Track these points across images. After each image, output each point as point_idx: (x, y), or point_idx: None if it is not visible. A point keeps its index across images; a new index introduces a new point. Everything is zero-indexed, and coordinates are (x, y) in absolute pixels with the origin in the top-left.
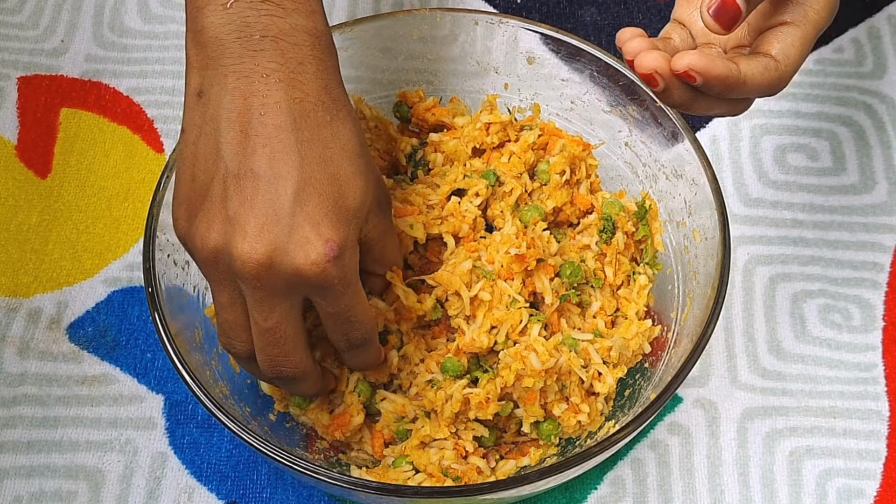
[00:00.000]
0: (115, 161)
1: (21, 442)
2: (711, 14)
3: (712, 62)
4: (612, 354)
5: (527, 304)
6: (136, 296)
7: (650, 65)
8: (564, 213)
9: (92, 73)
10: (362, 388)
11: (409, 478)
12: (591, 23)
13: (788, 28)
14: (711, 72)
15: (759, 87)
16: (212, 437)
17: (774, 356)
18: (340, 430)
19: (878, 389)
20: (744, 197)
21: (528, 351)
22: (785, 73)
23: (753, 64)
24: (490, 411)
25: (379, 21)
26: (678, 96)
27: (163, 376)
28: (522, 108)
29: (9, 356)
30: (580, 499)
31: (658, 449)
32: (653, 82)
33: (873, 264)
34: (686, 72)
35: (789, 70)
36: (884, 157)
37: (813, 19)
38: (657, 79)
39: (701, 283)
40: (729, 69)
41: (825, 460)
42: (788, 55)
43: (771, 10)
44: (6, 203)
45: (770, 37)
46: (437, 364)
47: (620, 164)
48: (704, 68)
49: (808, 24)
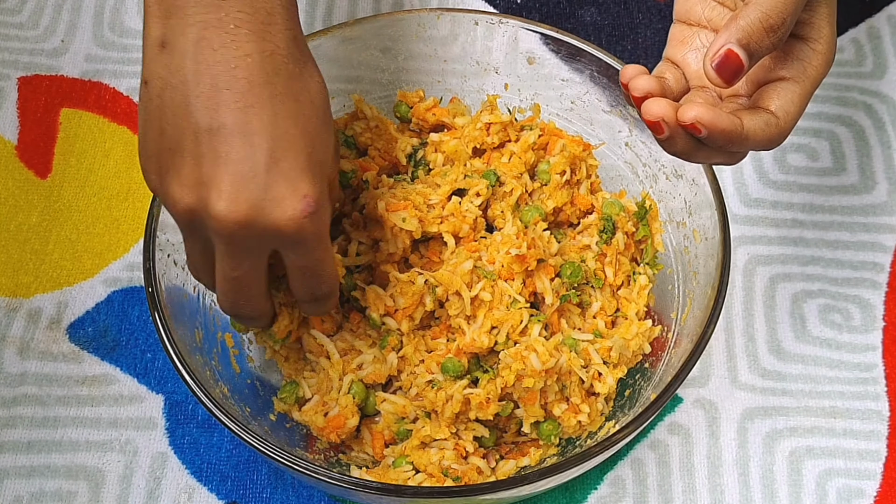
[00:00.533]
0: (116, 161)
1: (21, 442)
2: (714, 67)
3: (718, 116)
4: (612, 355)
5: (527, 305)
6: (136, 296)
7: (657, 113)
8: (565, 213)
9: (92, 73)
10: (357, 389)
11: (409, 478)
12: (591, 23)
13: (788, 84)
14: (717, 126)
15: (759, 142)
16: (212, 437)
17: (774, 356)
18: (335, 433)
19: (879, 389)
20: (744, 197)
21: (529, 351)
22: (784, 129)
23: (755, 119)
24: (490, 411)
25: (379, 21)
26: (681, 145)
27: (163, 376)
28: (523, 108)
29: (9, 356)
30: (580, 499)
31: (658, 449)
32: (658, 130)
33: (873, 264)
34: (693, 124)
35: (788, 126)
36: (884, 157)
37: (812, 76)
38: (663, 127)
39: (701, 284)
40: (734, 124)
41: (825, 460)
42: (788, 111)
43: (771, 64)
44: (6, 203)
45: (770, 92)
46: (437, 364)
47: (621, 165)
48: (711, 122)
49: (808, 80)
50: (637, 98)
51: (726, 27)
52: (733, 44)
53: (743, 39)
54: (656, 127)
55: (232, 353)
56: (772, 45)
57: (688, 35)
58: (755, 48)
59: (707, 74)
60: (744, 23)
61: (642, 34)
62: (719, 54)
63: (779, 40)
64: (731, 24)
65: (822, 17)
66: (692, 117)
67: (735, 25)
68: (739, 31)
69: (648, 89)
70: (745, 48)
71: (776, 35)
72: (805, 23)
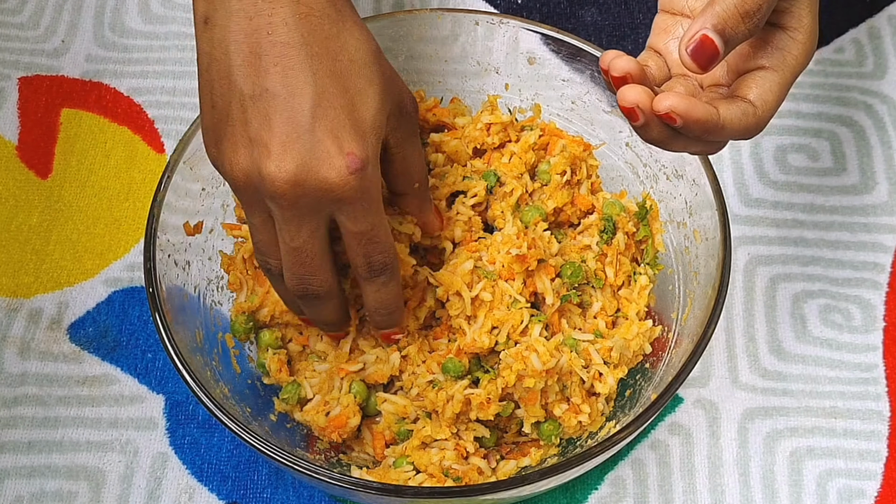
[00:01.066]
0: (116, 161)
1: (22, 442)
2: (689, 53)
3: (693, 106)
4: (612, 355)
5: (528, 305)
6: (136, 296)
7: (633, 99)
8: (565, 213)
9: (93, 74)
10: (358, 388)
11: (409, 478)
12: (591, 23)
13: (767, 73)
14: (692, 115)
15: (736, 131)
16: (212, 438)
17: (775, 356)
18: (337, 432)
19: (879, 390)
20: (744, 197)
21: (529, 351)
22: (762, 118)
23: (732, 109)
24: (491, 412)
25: (379, 21)
26: (656, 133)
27: (163, 376)
28: (523, 108)
29: (9, 356)
30: (581, 499)
31: (659, 449)
32: (633, 116)
33: (874, 264)
34: (667, 113)
35: (766, 115)
36: (884, 157)
37: (791, 65)
38: (638, 113)
39: (702, 284)
40: (709, 113)
41: (826, 461)
42: (766, 101)
43: (750, 53)
44: (7, 203)
45: (749, 81)
46: (438, 365)
47: (621, 165)
48: (686, 111)
49: (787, 69)
50: (616, 79)
51: (702, 13)
52: (708, 29)
53: (718, 25)
54: (631, 114)
55: (232, 354)
56: (748, 31)
57: (670, 24)
58: (731, 34)
59: (682, 60)
60: (719, 8)
61: (643, 34)
62: (694, 39)
63: (755, 27)
64: (707, 9)
65: (802, 5)
66: (667, 107)
67: (711, 11)
68: (715, 16)
69: (628, 69)
70: (721, 34)
71: (752, 21)
72: (785, 11)
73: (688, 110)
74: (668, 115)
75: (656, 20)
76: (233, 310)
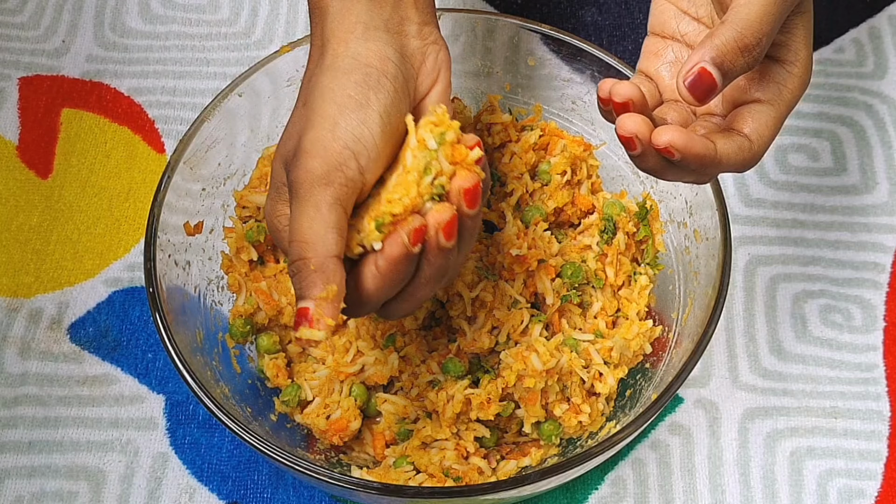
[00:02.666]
0: (116, 161)
1: (22, 442)
2: (687, 85)
3: (692, 141)
4: (613, 355)
5: (528, 305)
6: (137, 296)
7: (631, 129)
8: (565, 213)
9: (93, 74)
10: (358, 391)
11: (410, 478)
12: (591, 23)
13: (762, 107)
14: (691, 150)
15: (732, 165)
16: (213, 438)
17: (775, 356)
18: (338, 436)
19: (879, 390)
20: (745, 197)
21: (530, 351)
22: (757, 153)
23: (729, 143)
24: (491, 412)
25: None
26: (652, 163)
27: (164, 376)
28: (523, 108)
29: (10, 356)
30: (581, 499)
31: (659, 449)
32: (631, 146)
33: (874, 265)
34: (666, 147)
35: (761, 150)
36: (885, 157)
37: (787, 99)
38: (636, 143)
39: (702, 284)
40: (707, 148)
41: (826, 461)
42: (762, 135)
43: (746, 85)
44: (7, 203)
45: (745, 114)
46: (438, 365)
47: (621, 165)
48: (684, 146)
49: (782, 104)
50: (618, 105)
51: (701, 45)
52: (707, 62)
53: (717, 58)
54: (629, 143)
55: (232, 354)
56: (746, 65)
57: (661, 48)
58: (729, 67)
59: (680, 92)
60: (718, 41)
61: (643, 34)
62: (693, 72)
63: (754, 61)
64: (706, 41)
65: (799, 39)
66: (665, 141)
67: (710, 44)
68: (713, 49)
69: (630, 96)
70: (719, 67)
71: (751, 55)
72: (782, 45)
73: (686, 145)
74: (667, 150)
75: (646, 43)
76: (231, 313)
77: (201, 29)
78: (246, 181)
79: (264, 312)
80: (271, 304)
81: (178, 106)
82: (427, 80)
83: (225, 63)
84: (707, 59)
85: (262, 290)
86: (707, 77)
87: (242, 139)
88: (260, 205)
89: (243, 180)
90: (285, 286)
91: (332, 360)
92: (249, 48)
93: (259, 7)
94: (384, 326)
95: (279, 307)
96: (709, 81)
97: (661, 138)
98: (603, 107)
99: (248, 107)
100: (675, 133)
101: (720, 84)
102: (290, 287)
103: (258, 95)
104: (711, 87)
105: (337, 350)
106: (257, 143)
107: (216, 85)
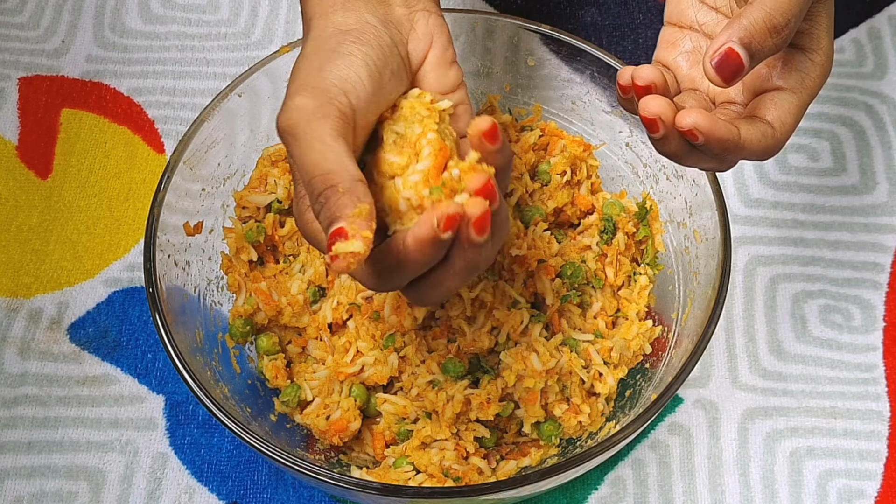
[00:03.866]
0: (116, 161)
1: (22, 442)
2: (714, 65)
3: (716, 124)
4: (612, 355)
5: (528, 305)
6: (136, 296)
7: (655, 110)
8: (565, 213)
9: (93, 74)
10: (358, 392)
11: (409, 478)
12: (591, 23)
13: (785, 95)
14: (715, 133)
15: (754, 152)
16: (212, 438)
17: (775, 357)
18: (338, 436)
19: (879, 390)
20: (744, 197)
21: (529, 351)
22: (780, 140)
23: (752, 130)
24: (491, 412)
25: None
26: (674, 147)
27: (163, 377)
28: (523, 108)
29: (9, 357)
30: (581, 499)
31: (659, 449)
32: (654, 128)
33: (874, 265)
34: (690, 130)
35: (784, 137)
36: (884, 157)
37: (809, 87)
38: (659, 125)
39: (702, 284)
40: (731, 132)
41: (826, 461)
42: (785, 122)
43: (767, 74)
44: (7, 203)
45: (767, 102)
46: (438, 365)
47: (621, 165)
48: (709, 129)
49: (805, 92)
50: (640, 88)
51: (729, 25)
52: (735, 42)
53: (745, 38)
54: (652, 125)
55: (232, 354)
56: (774, 46)
57: (678, 38)
58: (757, 48)
59: (706, 72)
60: (747, 22)
61: (643, 34)
62: (720, 52)
63: (782, 42)
64: (734, 22)
65: (821, 27)
66: (689, 123)
67: (738, 24)
68: (742, 29)
69: (653, 79)
70: (747, 47)
71: (779, 36)
72: (805, 33)
73: (711, 128)
74: (691, 132)
75: (663, 33)
76: (230, 313)
77: (201, 29)
78: (245, 181)
79: (264, 313)
80: (271, 304)
81: (178, 106)
82: (420, 46)
83: (225, 63)
84: (735, 38)
85: (261, 291)
86: (734, 57)
87: (242, 139)
88: (260, 205)
89: (243, 180)
90: (285, 286)
91: (332, 361)
92: (249, 48)
93: (259, 7)
94: (384, 326)
95: (279, 307)
96: (736, 62)
97: (685, 120)
98: (623, 95)
99: (248, 107)
100: (699, 115)
101: (747, 65)
102: (289, 287)
103: (258, 95)
104: (738, 68)
105: (336, 350)
106: (257, 143)
107: (216, 85)
